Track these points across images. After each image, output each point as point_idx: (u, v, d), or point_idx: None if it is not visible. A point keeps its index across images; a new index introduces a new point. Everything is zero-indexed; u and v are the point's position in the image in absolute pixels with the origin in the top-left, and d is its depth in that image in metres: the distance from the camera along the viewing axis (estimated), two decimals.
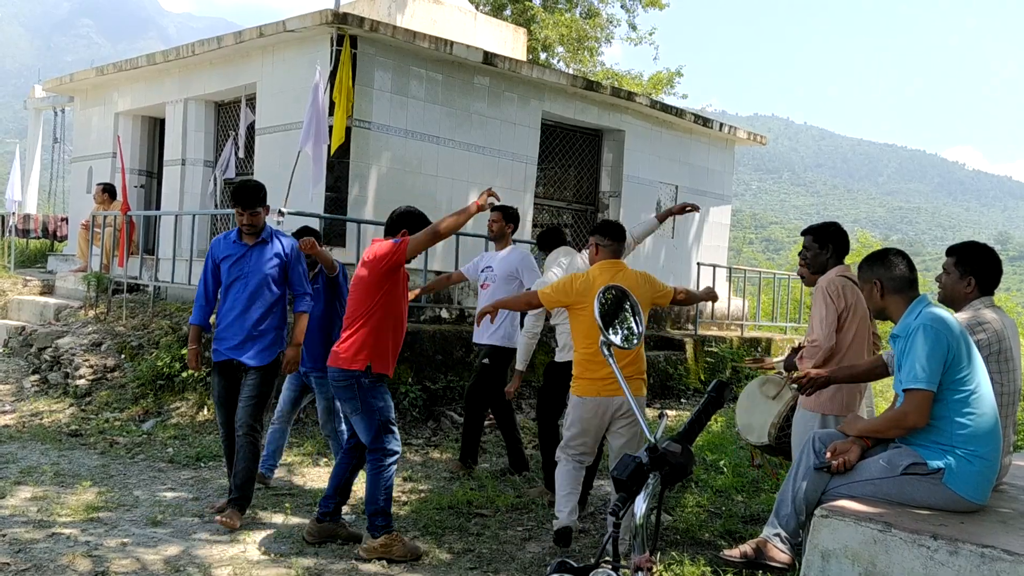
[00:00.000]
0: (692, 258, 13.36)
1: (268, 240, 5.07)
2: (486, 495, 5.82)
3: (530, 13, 21.29)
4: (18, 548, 4.41)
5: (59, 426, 7.42)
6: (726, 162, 14.36)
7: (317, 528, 4.76)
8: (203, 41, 10.93)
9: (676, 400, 10.15)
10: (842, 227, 4.62)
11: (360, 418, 4.59)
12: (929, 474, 3.36)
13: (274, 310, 5.08)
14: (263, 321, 5.03)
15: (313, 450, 6.84)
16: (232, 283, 5.05)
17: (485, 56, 10.44)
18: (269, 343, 5.06)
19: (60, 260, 13.58)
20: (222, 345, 5.09)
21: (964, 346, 3.39)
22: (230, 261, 5.05)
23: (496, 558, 4.66)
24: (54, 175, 20.20)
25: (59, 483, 5.70)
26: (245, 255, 5.04)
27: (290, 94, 9.88)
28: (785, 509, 3.74)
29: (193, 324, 5.26)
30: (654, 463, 2.12)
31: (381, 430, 4.59)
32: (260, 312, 5.02)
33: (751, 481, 6.27)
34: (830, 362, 4.33)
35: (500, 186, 10.90)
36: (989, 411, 3.39)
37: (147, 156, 13.24)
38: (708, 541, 5.04)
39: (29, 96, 18.29)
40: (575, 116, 11.85)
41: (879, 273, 3.62)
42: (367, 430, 4.59)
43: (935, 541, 2.96)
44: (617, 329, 2.58)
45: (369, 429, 4.58)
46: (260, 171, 10.29)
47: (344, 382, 4.56)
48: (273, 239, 5.09)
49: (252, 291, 5.01)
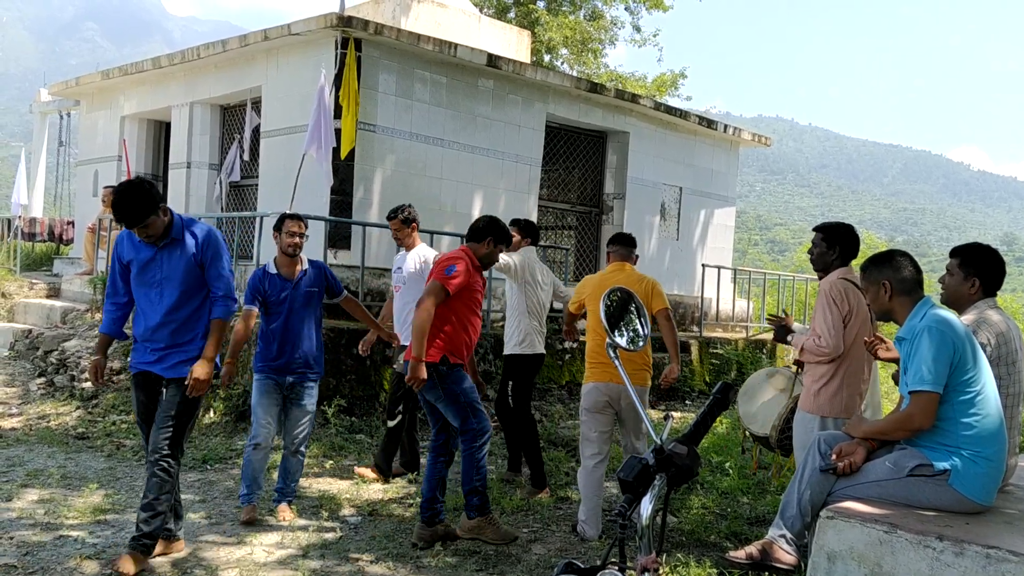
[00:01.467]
0: (697, 260, 13.36)
1: (180, 238, 4.24)
2: (492, 496, 5.82)
3: (534, 15, 21.31)
4: (25, 550, 4.42)
5: (66, 429, 7.44)
6: (730, 163, 14.35)
7: (429, 532, 4.85)
8: (208, 45, 10.97)
9: (681, 402, 10.15)
10: (854, 230, 4.60)
11: (445, 405, 4.80)
12: (935, 475, 3.36)
13: (196, 316, 4.33)
14: (183, 330, 4.30)
15: (319, 452, 6.86)
16: (144, 288, 4.29)
17: (489, 59, 10.45)
18: (192, 354, 4.30)
19: (66, 263, 13.63)
20: (137, 357, 4.38)
21: (969, 348, 3.39)
22: (138, 264, 4.28)
23: (502, 560, 4.67)
24: (59, 179, 20.29)
25: (66, 486, 5.72)
26: (155, 258, 4.24)
27: (295, 97, 9.91)
28: (791, 510, 3.75)
29: (102, 333, 4.46)
30: (660, 464, 2.13)
31: (468, 412, 4.77)
32: (178, 319, 4.27)
33: (756, 483, 6.26)
34: (833, 364, 4.34)
35: (504, 188, 10.93)
36: (994, 412, 3.39)
37: (152, 159, 13.27)
38: (714, 542, 5.04)
39: (35, 100, 18.38)
40: (579, 118, 11.86)
41: (887, 274, 3.61)
42: (455, 415, 4.79)
43: (941, 542, 2.96)
44: (623, 331, 2.58)
45: (457, 414, 4.78)
46: (265, 174, 10.33)
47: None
48: (186, 235, 4.24)
49: (167, 298, 4.25)
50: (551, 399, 9.01)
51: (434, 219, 9.96)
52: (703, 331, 11.75)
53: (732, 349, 11.34)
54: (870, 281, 3.67)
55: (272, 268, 5.34)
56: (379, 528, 5.15)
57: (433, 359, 4.70)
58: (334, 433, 7.26)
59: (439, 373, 4.73)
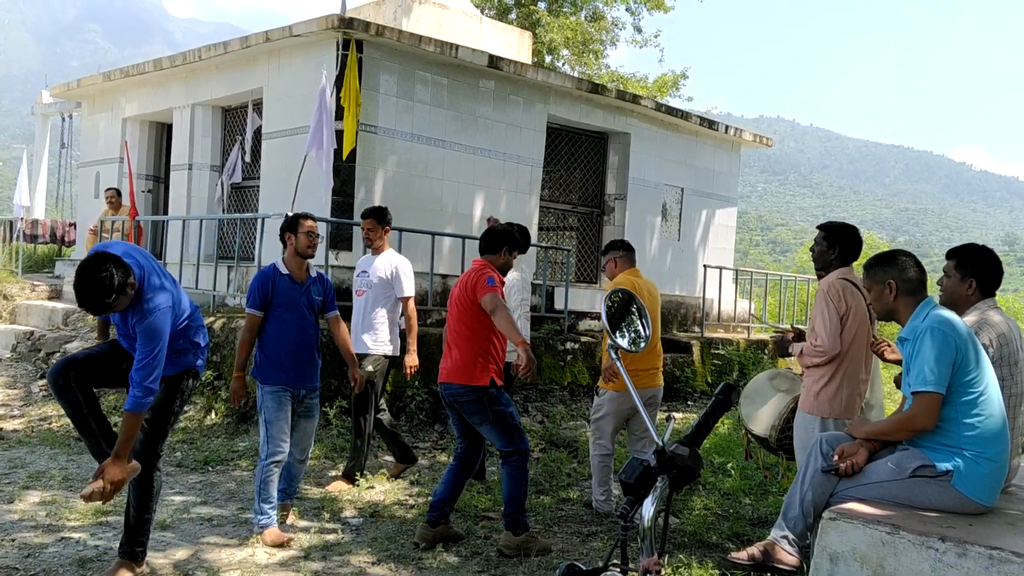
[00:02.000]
0: (698, 260, 13.35)
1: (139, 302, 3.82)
2: (493, 498, 5.83)
3: (535, 16, 21.32)
4: (27, 552, 4.43)
5: (68, 431, 7.44)
6: (732, 164, 14.35)
7: (432, 532, 4.84)
8: (210, 46, 10.97)
9: (683, 402, 10.14)
10: (857, 231, 4.59)
11: (491, 427, 4.77)
12: (937, 476, 3.35)
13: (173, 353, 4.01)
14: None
15: (320, 454, 6.86)
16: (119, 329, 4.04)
17: (490, 60, 10.45)
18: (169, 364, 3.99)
19: (68, 265, 13.63)
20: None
21: (972, 348, 3.39)
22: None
23: (503, 562, 4.66)
24: (61, 180, 20.33)
25: (68, 487, 5.72)
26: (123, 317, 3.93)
27: (296, 99, 9.91)
28: (793, 511, 3.75)
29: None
30: (662, 466, 2.12)
31: (514, 433, 4.78)
32: None
33: (758, 484, 6.26)
34: (832, 364, 4.34)
35: (506, 189, 10.93)
36: (997, 413, 3.39)
37: (154, 161, 13.28)
38: (715, 543, 5.03)
39: (36, 102, 18.39)
40: (581, 119, 11.86)
41: (892, 274, 3.60)
42: (501, 436, 4.76)
43: (943, 543, 2.95)
44: (624, 332, 2.58)
45: (504, 435, 4.76)
46: (266, 175, 10.33)
47: (472, 396, 4.74)
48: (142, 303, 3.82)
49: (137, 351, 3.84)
50: (552, 400, 9.00)
51: (435, 220, 9.96)
52: (704, 332, 11.74)
53: (734, 350, 11.33)
54: (874, 280, 3.66)
55: (283, 268, 5.09)
56: (380, 530, 5.15)
57: (483, 382, 4.74)
58: (336, 435, 7.25)
59: (489, 396, 4.74)
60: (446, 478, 4.96)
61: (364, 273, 6.25)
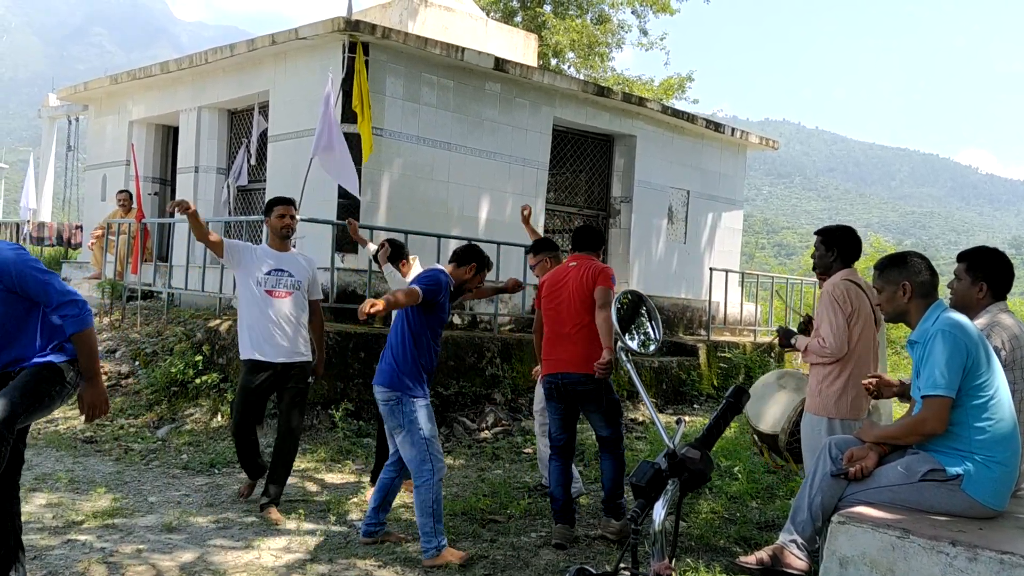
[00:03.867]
0: (704, 263, 13.32)
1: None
2: (499, 501, 5.81)
3: (541, 19, 21.34)
4: (34, 555, 4.42)
5: (74, 433, 7.44)
6: (738, 167, 14.33)
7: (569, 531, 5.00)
8: (216, 49, 10.99)
9: (689, 406, 10.11)
10: (854, 232, 4.59)
11: (602, 415, 4.99)
12: (947, 480, 3.33)
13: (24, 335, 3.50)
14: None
15: (326, 456, 6.85)
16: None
17: (496, 62, 10.45)
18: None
19: (74, 267, 13.67)
20: None
21: (983, 351, 3.36)
22: None
23: (511, 564, 4.65)
24: (68, 183, 20.39)
25: (74, 489, 5.73)
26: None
27: (302, 101, 9.92)
28: (801, 515, 3.72)
29: None
30: (673, 469, 2.12)
31: (619, 420, 5.02)
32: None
33: (766, 487, 6.24)
34: (837, 364, 4.32)
35: (512, 192, 10.92)
36: (1008, 416, 3.36)
37: (161, 164, 13.31)
38: (723, 547, 5.01)
39: (43, 105, 18.46)
40: (586, 121, 11.85)
41: (907, 276, 3.58)
42: (609, 424, 4.99)
43: (954, 548, 2.93)
44: (633, 334, 2.57)
45: (612, 422, 4.99)
46: (273, 178, 10.34)
47: (591, 384, 4.91)
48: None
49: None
50: None
51: (441, 223, 9.96)
52: (711, 335, 11.71)
53: (740, 353, 11.31)
54: (887, 281, 3.63)
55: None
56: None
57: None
58: (341, 437, 7.25)
59: (607, 385, 4.93)
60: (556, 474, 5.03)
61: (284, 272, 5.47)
